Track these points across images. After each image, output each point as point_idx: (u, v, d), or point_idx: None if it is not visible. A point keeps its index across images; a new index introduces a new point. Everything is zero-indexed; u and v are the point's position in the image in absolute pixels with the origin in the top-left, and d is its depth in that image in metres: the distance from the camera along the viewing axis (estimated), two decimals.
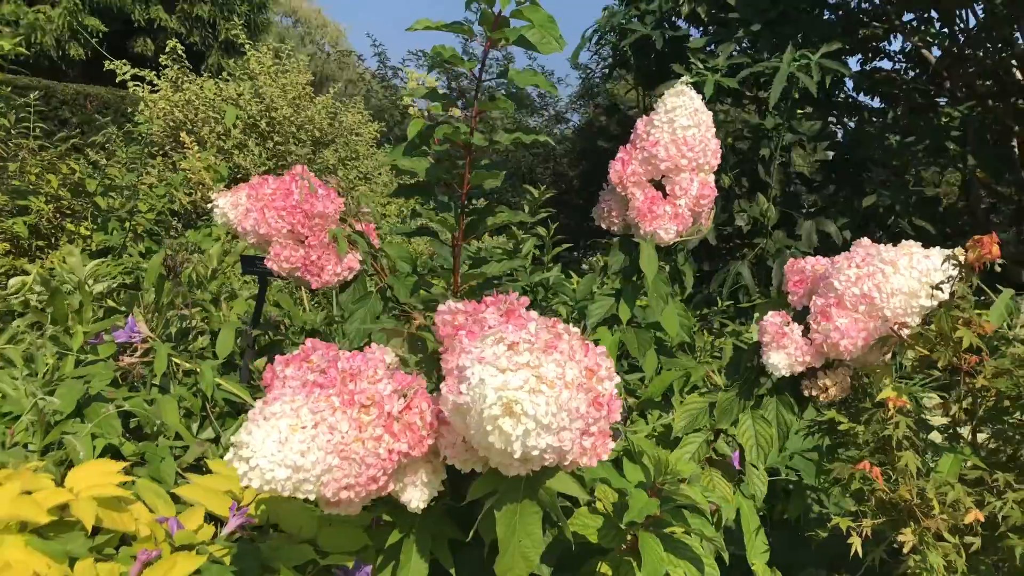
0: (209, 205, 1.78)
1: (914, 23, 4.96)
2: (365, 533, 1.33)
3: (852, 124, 4.24)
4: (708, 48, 3.76)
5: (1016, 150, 4.68)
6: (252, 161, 4.12)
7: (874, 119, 4.09)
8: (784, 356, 1.55)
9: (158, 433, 1.77)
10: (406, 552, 1.19)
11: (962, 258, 1.45)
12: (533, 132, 1.75)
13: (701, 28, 4.06)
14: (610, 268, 1.86)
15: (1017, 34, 4.29)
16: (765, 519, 1.81)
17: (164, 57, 4.42)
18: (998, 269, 1.43)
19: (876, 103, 4.58)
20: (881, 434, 1.52)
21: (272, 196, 1.74)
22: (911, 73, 5.37)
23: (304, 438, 0.95)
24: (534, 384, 0.89)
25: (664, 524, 1.22)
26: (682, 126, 1.77)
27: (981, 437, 1.57)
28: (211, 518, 1.38)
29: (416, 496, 1.10)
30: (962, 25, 4.93)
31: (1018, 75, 4.90)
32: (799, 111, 3.96)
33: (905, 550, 1.36)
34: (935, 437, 1.64)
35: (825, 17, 4.04)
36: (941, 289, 1.44)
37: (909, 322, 1.49)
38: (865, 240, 1.57)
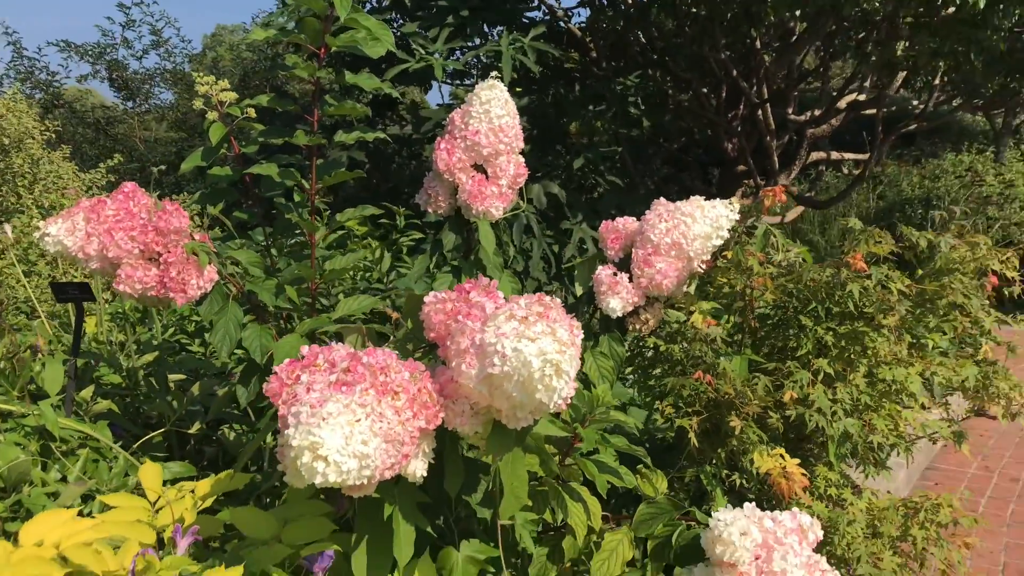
0: (37, 234, 1.65)
1: None
2: (327, 520, 1.43)
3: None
4: (421, 33, 4.00)
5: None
6: None
7: (571, 91, 4.64)
8: (619, 300, 1.89)
9: (18, 483, 1.64)
10: (396, 521, 1.33)
11: (738, 204, 1.90)
12: (372, 130, 1.87)
13: (405, 15, 4.27)
14: (445, 247, 2.06)
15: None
16: None
17: None
18: None
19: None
20: (695, 351, 1.93)
21: (117, 217, 1.68)
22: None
23: (363, 429, 1.06)
24: (558, 347, 1.11)
25: (592, 451, 1.50)
26: (497, 115, 2.01)
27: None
28: None
29: (420, 467, 1.25)
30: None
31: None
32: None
33: (736, 431, 1.77)
34: None
35: None
36: (728, 232, 1.87)
37: (705, 259, 1.90)
38: (662, 199, 1.96)
